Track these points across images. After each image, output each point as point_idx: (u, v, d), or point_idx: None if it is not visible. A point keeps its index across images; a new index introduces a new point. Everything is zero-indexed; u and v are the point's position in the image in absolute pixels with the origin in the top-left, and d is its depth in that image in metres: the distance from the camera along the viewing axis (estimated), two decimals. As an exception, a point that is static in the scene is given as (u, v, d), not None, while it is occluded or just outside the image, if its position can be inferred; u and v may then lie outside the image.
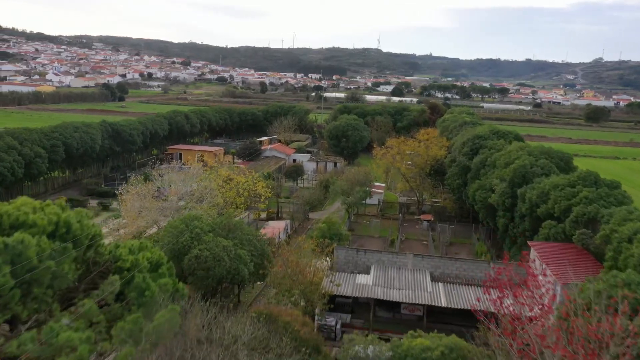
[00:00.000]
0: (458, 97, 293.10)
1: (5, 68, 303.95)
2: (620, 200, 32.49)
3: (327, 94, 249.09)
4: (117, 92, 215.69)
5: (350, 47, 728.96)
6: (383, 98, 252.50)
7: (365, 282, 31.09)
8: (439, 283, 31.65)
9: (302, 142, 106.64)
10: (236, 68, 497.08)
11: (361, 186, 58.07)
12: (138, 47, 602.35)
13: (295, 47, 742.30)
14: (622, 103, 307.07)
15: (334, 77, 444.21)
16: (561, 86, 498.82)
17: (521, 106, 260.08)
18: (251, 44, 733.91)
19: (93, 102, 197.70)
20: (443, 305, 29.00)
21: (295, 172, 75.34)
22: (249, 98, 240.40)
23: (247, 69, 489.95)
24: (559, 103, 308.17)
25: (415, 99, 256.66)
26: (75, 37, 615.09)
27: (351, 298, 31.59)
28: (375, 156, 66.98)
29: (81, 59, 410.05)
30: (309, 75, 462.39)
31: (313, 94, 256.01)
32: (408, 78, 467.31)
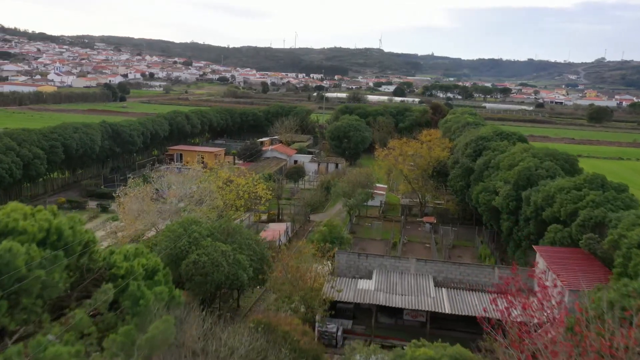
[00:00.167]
0: (460, 97, 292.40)
1: (7, 68, 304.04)
2: (627, 203, 31.78)
3: (329, 94, 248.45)
4: (119, 92, 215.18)
5: (351, 47, 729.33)
6: (385, 98, 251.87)
7: (367, 288, 30.42)
8: (443, 288, 30.97)
9: (304, 143, 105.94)
10: (238, 68, 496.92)
11: (363, 188, 57.37)
12: (140, 47, 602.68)
13: (297, 47, 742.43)
14: (625, 103, 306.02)
15: (336, 77, 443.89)
16: (563, 86, 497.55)
17: (523, 106, 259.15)
18: (253, 44, 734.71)
19: (94, 102, 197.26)
20: (447, 311, 28.34)
21: (296, 173, 74.64)
22: (251, 98, 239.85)
23: (249, 69, 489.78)
24: (562, 103, 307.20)
25: (417, 99, 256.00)
26: (77, 37, 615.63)
27: (352, 304, 30.93)
28: (377, 157, 66.26)
29: (83, 59, 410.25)
30: (311, 75, 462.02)
31: (315, 94, 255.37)
32: (410, 78, 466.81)
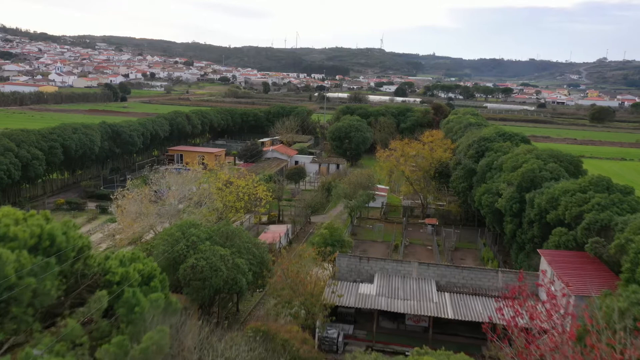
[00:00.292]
0: (461, 97, 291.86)
1: (8, 68, 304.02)
2: (634, 206, 31.16)
3: (330, 94, 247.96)
4: (120, 93, 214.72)
5: (353, 47, 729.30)
6: (386, 98, 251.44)
7: (368, 292, 29.88)
8: (445, 293, 30.41)
9: (305, 143, 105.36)
10: (239, 68, 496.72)
11: (364, 189, 56.81)
12: (141, 47, 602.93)
13: (298, 47, 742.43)
14: (627, 103, 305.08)
15: (337, 77, 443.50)
16: (565, 86, 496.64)
17: (525, 106, 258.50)
18: (254, 44, 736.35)
19: (95, 103, 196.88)
20: (450, 317, 27.80)
21: (297, 174, 74.07)
22: (252, 98, 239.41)
23: (250, 69, 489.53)
24: (563, 103, 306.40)
25: (418, 99, 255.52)
26: (78, 37, 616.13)
27: (354, 308, 30.39)
28: (378, 158, 65.69)
29: (84, 59, 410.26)
30: (312, 75, 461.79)
31: (316, 94, 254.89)
32: (411, 78, 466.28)
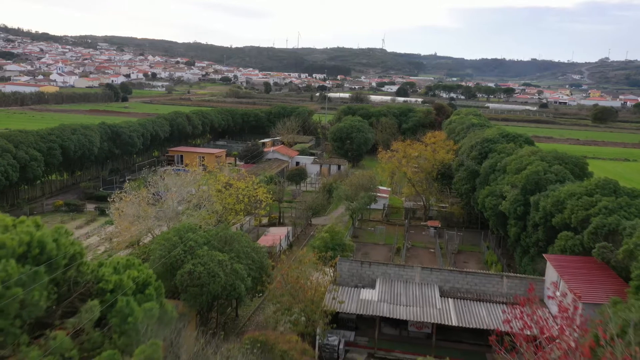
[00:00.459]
0: (463, 97, 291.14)
1: (9, 68, 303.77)
2: (642, 210, 30.47)
3: (332, 94, 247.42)
4: (121, 93, 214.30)
5: (354, 47, 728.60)
6: (388, 98, 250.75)
7: (370, 298, 29.22)
8: (449, 299, 29.74)
9: (306, 144, 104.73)
10: (240, 68, 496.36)
11: (366, 191, 56.12)
12: (143, 47, 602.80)
13: (299, 47, 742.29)
14: (629, 103, 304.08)
15: (339, 77, 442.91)
16: (567, 86, 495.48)
17: (527, 106, 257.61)
18: (256, 44, 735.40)
19: (96, 103, 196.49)
20: (453, 324, 27.13)
21: (298, 176, 73.40)
22: (253, 98, 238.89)
23: (252, 69, 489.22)
24: (565, 103, 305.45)
25: (420, 99, 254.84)
26: (80, 37, 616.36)
27: (355, 314, 29.73)
28: (380, 160, 65.00)
29: (86, 59, 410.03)
30: (314, 75, 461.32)
31: (317, 94, 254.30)
32: (413, 78, 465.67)
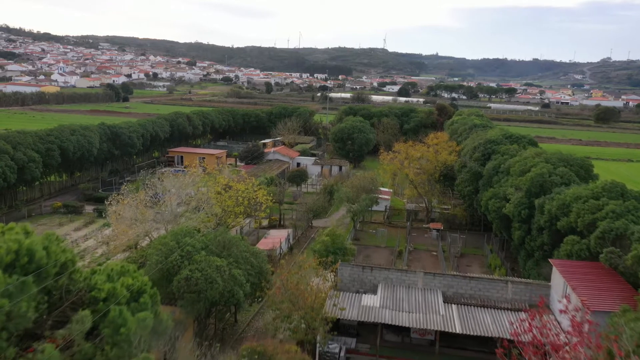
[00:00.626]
0: (465, 98, 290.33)
1: (11, 68, 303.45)
2: (650, 214, 29.76)
3: (333, 94, 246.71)
4: (122, 93, 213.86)
5: (356, 47, 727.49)
6: (389, 98, 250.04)
7: (371, 304, 28.58)
8: (452, 305, 29.08)
9: (307, 145, 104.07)
10: (242, 68, 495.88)
11: (367, 193, 55.47)
12: (144, 47, 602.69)
13: (301, 47, 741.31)
14: (632, 103, 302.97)
15: (340, 77, 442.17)
16: (569, 86, 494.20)
17: (529, 106, 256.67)
18: (257, 44, 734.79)
19: (97, 103, 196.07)
20: (457, 331, 26.49)
21: (298, 177, 72.73)
22: (254, 98, 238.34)
23: (253, 69, 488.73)
24: (567, 103, 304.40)
25: (421, 99, 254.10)
26: (81, 37, 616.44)
27: (356, 321, 29.08)
28: (382, 161, 64.34)
29: (87, 59, 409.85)
30: (315, 75, 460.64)
31: (319, 94, 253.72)
32: (414, 78, 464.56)
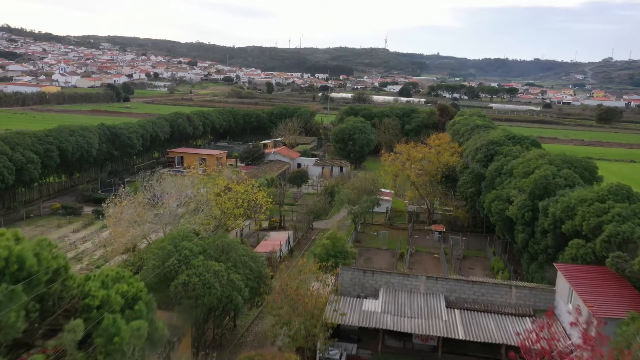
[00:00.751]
0: (466, 98, 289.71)
1: (12, 68, 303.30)
2: (657, 217, 29.18)
3: (334, 94, 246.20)
4: (122, 93, 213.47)
5: (357, 47, 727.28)
6: (390, 98, 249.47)
7: (373, 309, 28.06)
8: (455, 310, 28.54)
9: (308, 145, 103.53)
10: (243, 68, 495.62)
11: (368, 194, 54.93)
12: (145, 47, 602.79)
13: (302, 47, 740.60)
14: (634, 103, 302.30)
15: (341, 77, 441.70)
16: (570, 86, 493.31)
17: (531, 106, 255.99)
18: (258, 44, 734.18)
19: (98, 103, 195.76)
20: (460, 337, 25.96)
21: (299, 178, 72.14)
22: (255, 98, 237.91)
23: (254, 69, 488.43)
24: (569, 103, 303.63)
25: (422, 99, 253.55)
26: (83, 37, 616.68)
27: (357, 326, 28.55)
28: (383, 162, 63.79)
29: (88, 59, 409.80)
30: (316, 75, 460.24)
31: (320, 94, 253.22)
32: (415, 78, 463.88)
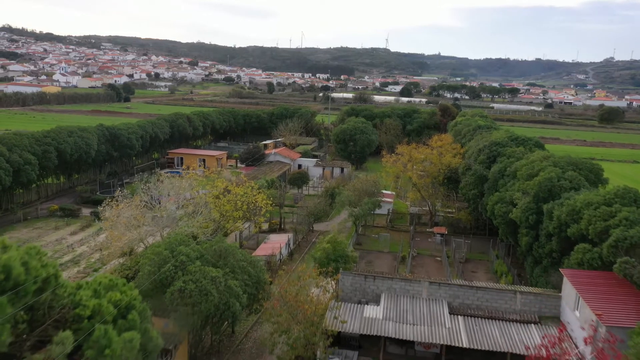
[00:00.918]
0: (467, 98, 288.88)
1: (13, 68, 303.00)
2: (665, 222, 28.49)
3: (335, 94, 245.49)
4: (123, 93, 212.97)
5: (358, 47, 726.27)
6: (391, 98, 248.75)
7: (374, 316, 27.40)
8: (459, 316, 27.87)
9: (308, 146, 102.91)
10: (244, 68, 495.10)
11: (369, 196, 54.27)
12: (146, 47, 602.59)
13: (303, 47, 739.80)
14: (636, 103, 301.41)
15: (342, 77, 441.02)
16: (572, 86, 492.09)
17: (532, 107, 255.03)
18: (259, 44, 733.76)
19: (98, 103, 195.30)
20: (464, 345, 25.30)
21: (300, 179, 71.50)
22: (256, 98, 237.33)
23: (255, 69, 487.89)
24: (571, 103, 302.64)
25: (424, 99, 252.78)
26: (84, 37, 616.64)
27: (358, 333, 27.90)
28: (385, 164, 63.11)
29: (89, 59, 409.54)
30: (317, 75, 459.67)
31: (321, 94, 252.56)
32: (416, 78, 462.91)
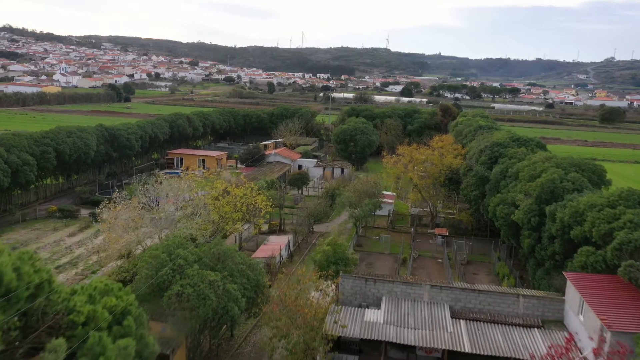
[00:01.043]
0: (468, 98, 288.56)
1: (13, 68, 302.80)
2: (670, 224, 28.06)
3: (335, 94, 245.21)
4: (123, 93, 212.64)
5: (358, 47, 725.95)
6: (392, 98, 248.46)
7: (375, 320, 27.01)
8: (461, 320, 27.48)
9: (309, 146, 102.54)
10: (244, 68, 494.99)
11: (370, 197, 53.87)
12: (147, 47, 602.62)
13: (303, 47, 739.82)
14: (636, 103, 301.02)
15: (343, 77, 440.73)
16: (572, 86, 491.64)
17: (533, 107, 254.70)
18: (259, 44, 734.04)
19: (98, 103, 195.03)
20: (466, 350, 24.90)
21: (300, 180, 71.09)
22: (256, 98, 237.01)
23: (255, 69, 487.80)
24: (572, 103, 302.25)
25: (424, 99, 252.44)
26: (84, 37, 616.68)
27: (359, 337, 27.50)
28: (385, 164, 62.70)
29: (89, 59, 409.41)
30: (317, 75, 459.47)
31: (321, 94, 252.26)
32: (417, 78, 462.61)
